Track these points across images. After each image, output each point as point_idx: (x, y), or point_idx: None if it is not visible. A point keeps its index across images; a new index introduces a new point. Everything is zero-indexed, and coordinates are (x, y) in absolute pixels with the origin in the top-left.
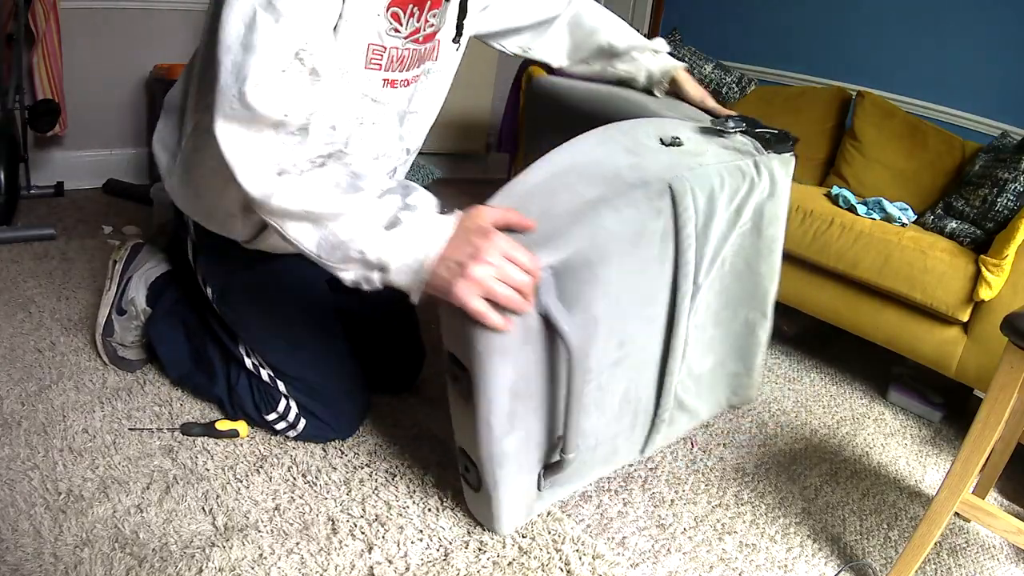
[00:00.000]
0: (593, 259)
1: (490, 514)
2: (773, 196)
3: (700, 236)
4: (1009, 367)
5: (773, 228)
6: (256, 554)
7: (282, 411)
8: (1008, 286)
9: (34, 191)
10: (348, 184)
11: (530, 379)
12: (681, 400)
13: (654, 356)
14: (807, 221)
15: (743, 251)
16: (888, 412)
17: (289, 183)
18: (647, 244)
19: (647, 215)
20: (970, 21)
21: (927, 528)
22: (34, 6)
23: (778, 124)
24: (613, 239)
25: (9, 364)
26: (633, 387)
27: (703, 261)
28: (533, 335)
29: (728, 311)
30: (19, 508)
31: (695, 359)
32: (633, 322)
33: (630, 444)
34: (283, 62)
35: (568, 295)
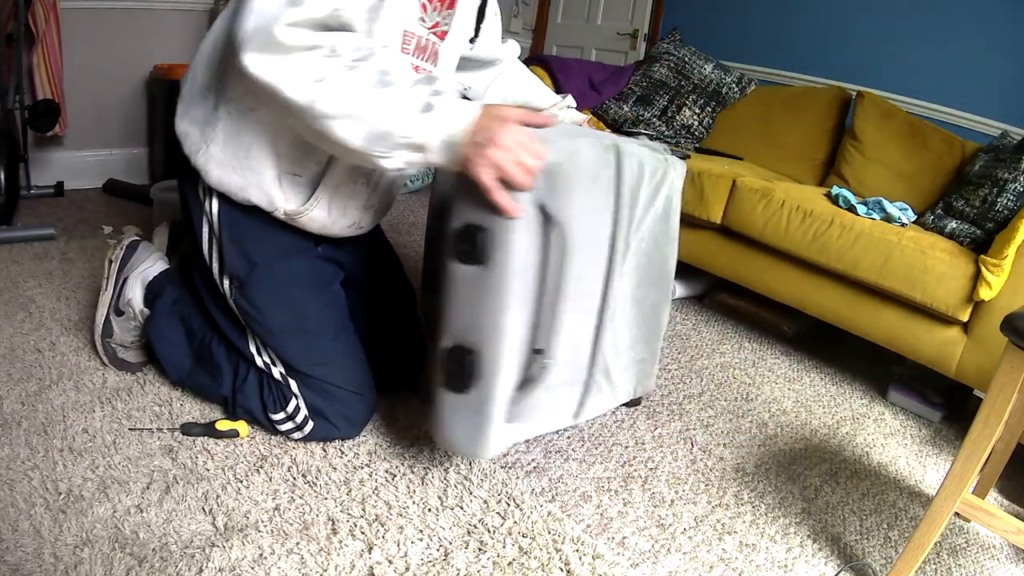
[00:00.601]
0: (570, 175)
1: (478, 423)
2: (677, 191)
3: (633, 197)
4: (1009, 367)
5: (675, 218)
6: (256, 554)
7: (291, 411)
8: (1008, 286)
9: (34, 191)
10: (379, 80)
11: (526, 264)
12: (608, 367)
13: (594, 309)
14: (807, 221)
15: (655, 233)
16: (888, 412)
17: (329, 87)
18: (600, 188)
19: (601, 161)
20: (970, 21)
21: (927, 528)
22: (34, 6)
23: (778, 124)
24: (581, 167)
25: (9, 364)
26: (578, 334)
27: (633, 222)
28: (531, 219)
29: (642, 289)
30: (19, 508)
31: (620, 329)
32: (585, 260)
33: (569, 402)
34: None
35: (552, 199)
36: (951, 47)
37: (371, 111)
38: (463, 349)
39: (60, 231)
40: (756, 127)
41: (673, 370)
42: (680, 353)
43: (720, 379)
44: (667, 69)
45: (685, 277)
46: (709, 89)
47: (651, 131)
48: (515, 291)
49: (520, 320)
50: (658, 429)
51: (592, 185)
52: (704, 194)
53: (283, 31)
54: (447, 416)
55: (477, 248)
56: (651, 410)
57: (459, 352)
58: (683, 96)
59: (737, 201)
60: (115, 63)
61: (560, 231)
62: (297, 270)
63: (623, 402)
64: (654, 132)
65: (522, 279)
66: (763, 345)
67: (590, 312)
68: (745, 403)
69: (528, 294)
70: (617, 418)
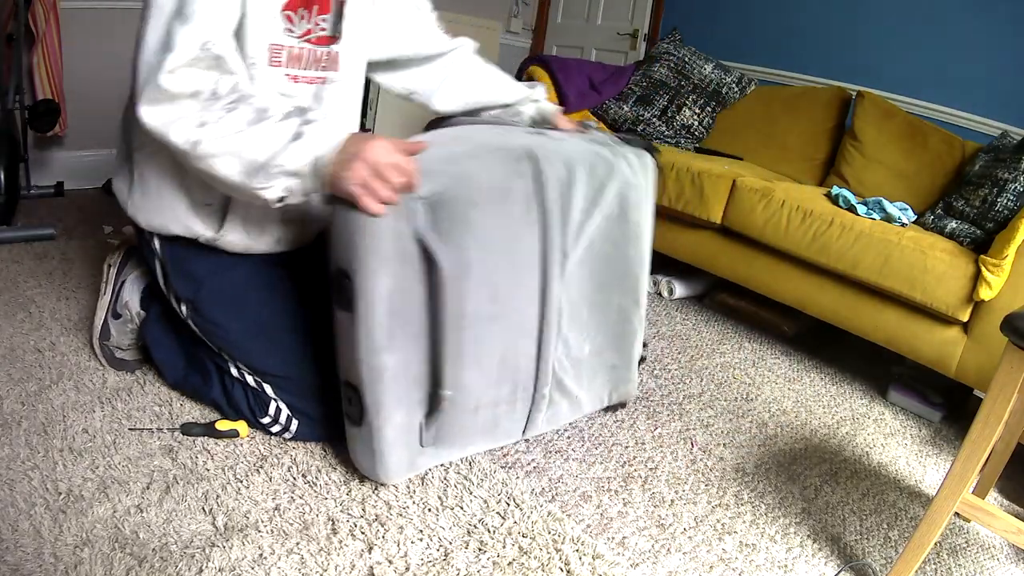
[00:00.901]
0: (462, 199)
1: (372, 454)
2: (635, 185)
3: (564, 202)
4: (1009, 367)
5: (637, 214)
6: (256, 554)
7: (273, 414)
8: (1008, 286)
9: (34, 191)
10: (256, 117)
11: (408, 299)
12: (561, 380)
13: (531, 325)
14: (807, 221)
15: (611, 235)
16: (888, 412)
17: (210, 129)
18: (513, 202)
19: (510, 174)
20: (970, 21)
21: (927, 528)
22: (34, 6)
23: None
24: (480, 187)
25: (9, 364)
26: (511, 353)
27: (568, 229)
28: (409, 257)
29: (602, 295)
30: (19, 508)
31: (573, 340)
32: (505, 280)
33: (512, 420)
34: (192, 54)
35: (441, 230)
36: (951, 47)
37: (247, 147)
38: (350, 386)
39: (60, 231)
40: (756, 127)
41: (673, 370)
42: (680, 353)
43: (720, 379)
44: (667, 69)
45: (685, 277)
46: (709, 89)
47: (651, 130)
48: (388, 334)
49: (405, 359)
50: (658, 429)
51: (502, 201)
52: (704, 194)
53: (166, 79)
54: (351, 443)
55: (344, 295)
56: (651, 410)
57: (348, 388)
58: (683, 96)
59: (737, 201)
60: (115, 63)
61: (454, 260)
62: (240, 278)
63: (591, 411)
64: (654, 134)
65: (399, 319)
66: (763, 345)
67: (522, 329)
68: (745, 403)
69: (412, 329)
70: (617, 418)
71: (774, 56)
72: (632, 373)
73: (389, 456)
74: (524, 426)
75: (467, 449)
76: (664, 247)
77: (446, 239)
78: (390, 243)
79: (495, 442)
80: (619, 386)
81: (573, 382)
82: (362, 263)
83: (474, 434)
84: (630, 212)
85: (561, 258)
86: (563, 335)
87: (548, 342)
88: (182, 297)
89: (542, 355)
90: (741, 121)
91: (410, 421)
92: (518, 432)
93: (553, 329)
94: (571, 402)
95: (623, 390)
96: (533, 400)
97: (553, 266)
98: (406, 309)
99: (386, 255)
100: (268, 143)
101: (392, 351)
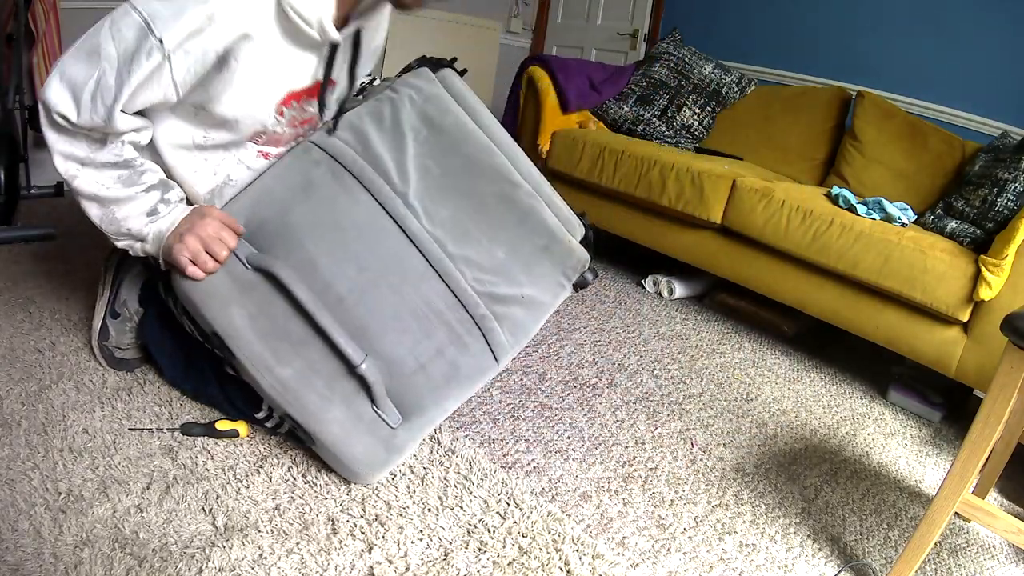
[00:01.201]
0: (272, 216)
1: (337, 458)
2: (431, 97)
3: (368, 157)
4: (1009, 367)
5: (447, 119)
6: (256, 554)
7: (267, 410)
8: (1008, 286)
9: (34, 191)
10: (127, 179)
11: (274, 317)
12: (493, 294)
13: (420, 269)
14: (807, 221)
15: (438, 150)
16: (888, 412)
17: (88, 172)
18: (320, 186)
19: (305, 167)
20: (970, 21)
21: (927, 528)
22: (34, 6)
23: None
24: (282, 196)
25: (9, 364)
26: (420, 301)
27: (389, 175)
28: (253, 284)
29: (473, 201)
30: (19, 508)
31: (474, 255)
32: (360, 247)
33: (471, 356)
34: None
35: (269, 247)
36: (951, 47)
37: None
38: (285, 415)
39: (60, 231)
40: (756, 127)
41: (673, 370)
42: (680, 353)
43: (720, 379)
44: (667, 69)
45: (685, 277)
46: (709, 89)
47: (651, 130)
48: (271, 353)
49: (308, 363)
50: (658, 429)
51: (308, 194)
52: (704, 194)
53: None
54: (327, 461)
55: (225, 349)
56: (651, 410)
57: (287, 418)
58: (683, 96)
59: (737, 201)
60: None
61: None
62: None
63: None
64: (654, 134)
65: (273, 336)
66: (763, 345)
67: (413, 276)
68: (745, 403)
69: (295, 336)
70: (617, 418)
71: (774, 56)
72: (567, 241)
73: (350, 450)
74: (492, 353)
75: (445, 406)
76: (664, 247)
77: (277, 252)
78: (224, 285)
79: (470, 384)
80: (567, 261)
81: (508, 287)
82: (212, 313)
83: (437, 389)
84: (440, 122)
85: (401, 199)
86: (459, 256)
87: (447, 271)
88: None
89: (451, 285)
90: (741, 121)
91: (357, 412)
92: (489, 361)
93: (442, 259)
94: (523, 305)
95: (573, 262)
96: (479, 326)
97: (397, 209)
98: (276, 325)
99: (226, 296)
100: (127, 207)
101: (284, 364)
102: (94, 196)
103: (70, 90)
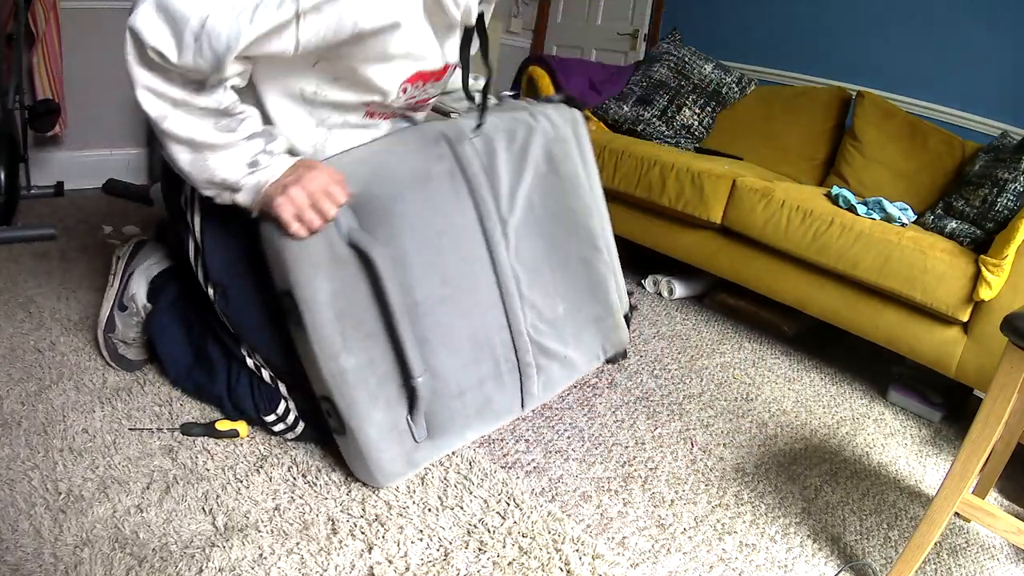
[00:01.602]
0: (383, 195)
1: (363, 458)
2: (560, 139)
3: (489, 173)
4: (1009, 367)
5: (568, 166)
6: (256, 554)
7: (281, 413)
8: (1008, 286)
9: (34, 191)
10: (225, 126)
11: (353, 302)
12: (542, 345)
13: (491, 298)
14: (807, 221)
15: (548, 191)
16: (888, 412)
17: (181, 114)
18: (437, 185)
19: (429, 159)
20: (970, 21)
21: (927, 528)
22: (34, 6)
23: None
24: (399, 179)
25: (9, 364)
26: (481, 329)
27: (500, 197)
28: (344, 261)
29: (559, 251)
30: (19, 508)
31: (540, 302)
32: (452, 260)
33: (505, 395)
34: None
35: (369, 226)
36: (951, 47)
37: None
38: (324, 398)
39: (60, 231)
40: (756, 127)
41: (673, 370)
42: (680, 353)
43: (720, 379)
44: (667, 69)
45: (685, 277)
46: (709, 89)
47: (651, 130)
48: (340, 336)
49: (367, 357)
50: (658, 429)
51: (423, 187)
52: (704, 194)
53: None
54: (345, 456)
55: (292, 313)
56: (651, 410)
57: (324, 401)
58: (683, 96)
59: (737, 201)
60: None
61: (389, 252)
62: None
63: (590, 369)
64: (654, 134)
65: (348, 320)
66: (763, 345)
67: (483, 303)
68: (745, 403)
69: (366, 328)
70: (617, 418)
71: (774, 56)
72: (619, 320)
73: (380, 456)
74: (521, 399)
75: (466, 435)
76: (664, 247)
77: (376, 234)
78: (320, 249)
79: (495, 421)
80: (610, 336)
81: (556, 343)
82: (297, 275)
83: (467, 418)
84: (560, 166)
85: (501, 225)
86: (528, 299)
87: (514, 310)
88: (213, 280)
89: (512, 324)
90: (741, 121)
91: (394, 419)
92: (516, 406)
93: (514, 296)
94: (562, 364)
95: (615, 339)
96: (520, 371)
97: (495, 234)
98: (353, 309)
99: (318, 261)
100: (224, 155)
101: (350, 352)
102: (187, 140)
103: (168, 23)
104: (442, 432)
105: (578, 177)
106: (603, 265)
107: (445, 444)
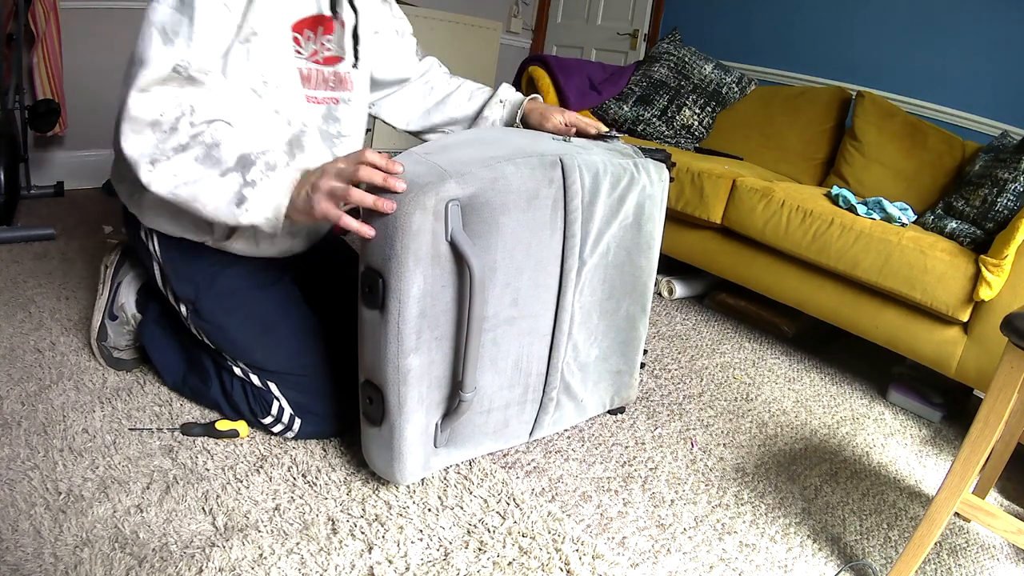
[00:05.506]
0: (494, 204)
1: (391, 455)
2: (651, 197)
3: (585, 211)
4: (1009, 367)
5: (651, 225)
6: (256, 554)
7: (276, 414)
8: (1008, 286)
9: (34, 191)
10: (204, 155)
11: (437, 301)
12: (568, 384)
13: (545, 329)
14: (807, 221)
15: (625, 243)
16: (888, 412)
17: (160, 170)
18: (540, 207)
19: (541, 180)
20: (970, 21)
21: (927, 528)
22: (34, 6)
23: (778, 124)
24: (511, 191)
25: (9, 364)
26: (525, 355)
27: (588, 237)
28: (442, 259)
29: (612, 302)
30: (19, 508)
31: (582, 344)
32: (526, 283)
33: (520, 422)
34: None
35: (473, 232)
36: (951, 47)
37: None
38: (372, 385)
39: (60, 231)
40: (756, 127)
41: (673, 370)
42: (680, 353)
43: (720, 379)
44: (667, 69)
45: (685, 277)
46: (709, 89)
47: (651, 130)
48: (417, 335)
49: (431, 360)
50: (658, 429)
51: (528, 206)
52: (704, 194)
53: (134, 100)
54: (367, 444)
55: (376, 294)
56: (651, 410)
57: (369, 387)
58: (683, 96)
59: (737, 201)
60: (115, 63)
61: (483, 262)
62: (241, 276)
63: (594, 415)
64: (654, 134)
65: (427, 321)
66: (763, 345)
67: (537, 332)
68: (745, 403)
69: (439, 332)
70: (617, 418)
71: (774, 56)
72: (634, 378)
73: (408, 456)
74: (531, 428)
75: (477, 450)
76: (664, 247)
77: (477, 241)
78: (427, 244)
79: (504, 443)
80: (621, 391)
81: (580, 385)
82: (399, 263)
83: (485, 435)
84: (644, 222)
85: (579, 264)
86: (573, 339)
87: (560, 346)
88: (182, 298)
89: (553, 359)
90: (741, 121)
91: (428, 422)
92: (525, 434)
93: (565, 333)
94: (576, 405)
95: (625, 394)
96: (541, 403)
97: (571, 272)
98: (435, 311)
99: (422, 256)
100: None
101: (418, 352)
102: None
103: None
104: (460, 443)
105: (653, 238)
106: (642, 326)
107: (458, 454)
